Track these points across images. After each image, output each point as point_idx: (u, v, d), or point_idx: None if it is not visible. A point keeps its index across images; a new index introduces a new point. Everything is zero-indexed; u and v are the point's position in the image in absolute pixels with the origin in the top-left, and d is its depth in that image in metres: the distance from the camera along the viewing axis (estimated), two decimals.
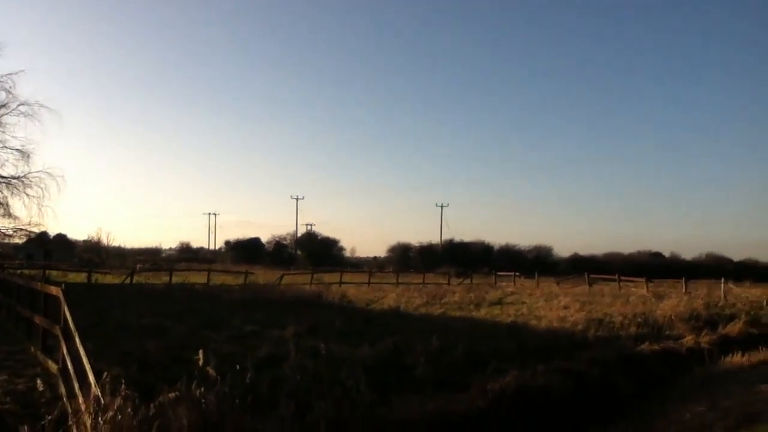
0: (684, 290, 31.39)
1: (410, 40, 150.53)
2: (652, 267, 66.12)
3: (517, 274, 46.69)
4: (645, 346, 15.42)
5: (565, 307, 22.95)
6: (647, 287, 32.44)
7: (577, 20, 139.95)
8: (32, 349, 11.46)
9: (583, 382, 11.76)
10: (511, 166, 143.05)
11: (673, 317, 19.73)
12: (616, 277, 37.18)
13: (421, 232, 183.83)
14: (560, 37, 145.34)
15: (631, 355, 14.65)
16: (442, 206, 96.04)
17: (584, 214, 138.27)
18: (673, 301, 23.57)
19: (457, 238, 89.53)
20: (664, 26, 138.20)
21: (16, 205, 31.45)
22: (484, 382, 10.57)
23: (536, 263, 67.72)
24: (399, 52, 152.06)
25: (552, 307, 23.58)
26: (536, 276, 43.26)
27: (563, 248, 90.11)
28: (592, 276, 39.94)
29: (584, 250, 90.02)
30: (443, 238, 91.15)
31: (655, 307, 22.09)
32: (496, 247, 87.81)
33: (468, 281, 45.32)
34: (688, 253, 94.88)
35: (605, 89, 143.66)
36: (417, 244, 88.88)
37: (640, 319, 19.13)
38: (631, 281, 36.48)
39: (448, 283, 42.57)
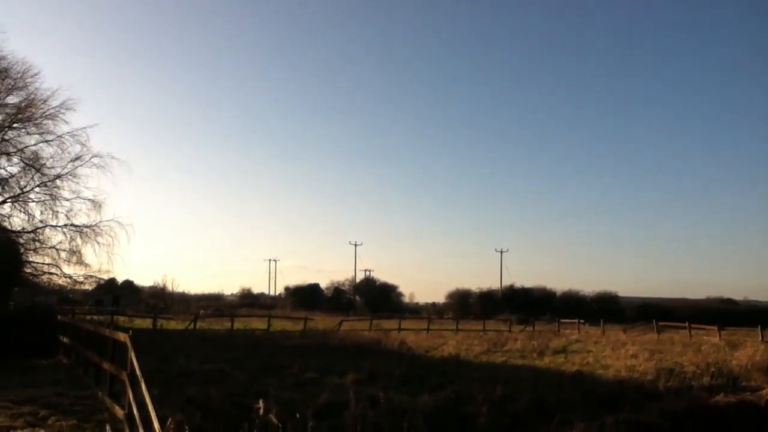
0: (761, 338, 29.82)
1: (472, 85, 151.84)
2: (725, 314, 63.05)
3: (581, 321, 45.40)
4: (720, 398, 14.64)
5: (633, 356, 22.12)
6: (720, 335, 30.99)
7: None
8: (100, 394, 11.74)
9: None
10: (573, 209, 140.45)
11: (749, 367, 18.71)
12: (687, 325, 35.68)
13: (481, 278, 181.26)
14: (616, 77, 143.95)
15: (704, 407, 13.92)
16: (501, 251, 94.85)
17: (651, 259, 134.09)
18: (749, 350, 22.36)
19: (518, 284, 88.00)
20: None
21: (88, 252, 32.66)
22: None
23: (601, 310, 65.58)
24: (457, 98, 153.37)
25: (619, 355, 22.76)
26: (602, 323, 41.92)
27: (629, 295, 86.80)
28: (660, 324, 38.48)
29: (651, 297, 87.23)
30: (503, 284, 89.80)
31: (729, 357, 21.04)
32: (559, 293, 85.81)
33: (530, 328, 44.31)
34: (764, 299, 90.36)
35: (672, 129, 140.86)
36: (476, 290, 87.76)
37: (713, 369, 18.22)
38: (703, 329, 34.96)
39: (510, 330, 41.70)
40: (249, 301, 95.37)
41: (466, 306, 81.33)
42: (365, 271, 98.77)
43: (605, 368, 19.68)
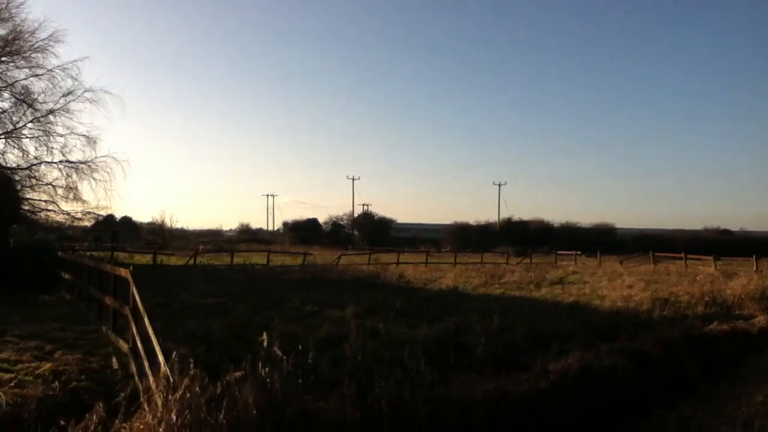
0: (755, 268, 30.20)
1: (461, 18, 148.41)
2: (721, 245, 63.49)
3: (578, 253, 45.87)
4: (713, 326, 14.90)
5: (629, 287, 22.42)
6: (715, 266, 31.37)
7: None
8: (104, 328, 11.89)
9: (648, 363, 11.45)
10: (571, 141, 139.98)
11: (743, 296, 19.03)
12: (683, 255, 36.06)
13: (479, 210, 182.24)
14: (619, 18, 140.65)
15: (698, 335, 14.16)
16: (499, 184, 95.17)
17: (648, 190, 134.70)
18: (743, 280, 22.67)
19: (516, 217, 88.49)
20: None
21: (84, 189, 32.43)
22: (546, 362, 10.40)
23: (598, 242, 66.01)
24: (449, 30, 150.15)
25: (615, 286, 23.07)
26: (598, 255, 42.35)
27: (626, 226, 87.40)
28: (657, 254, 38.88)
29: (648, 228, 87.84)
30: (501, 217, 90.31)
31: (723, 286, 21.33)
32: (556, 225, 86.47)
33: (527, 260, 44.79)
34: (760, 229, 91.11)
35: (673, 60, 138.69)
36: (474, 223, 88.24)
37: (707, 299, 18.52)
38: (698, 259, 35.36)
39: (507, 263, 42.17)
40: (248, 236, 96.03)
41: (464, 239, 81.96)
42: (363, 205, 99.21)
43: (601, 299, 19.93)
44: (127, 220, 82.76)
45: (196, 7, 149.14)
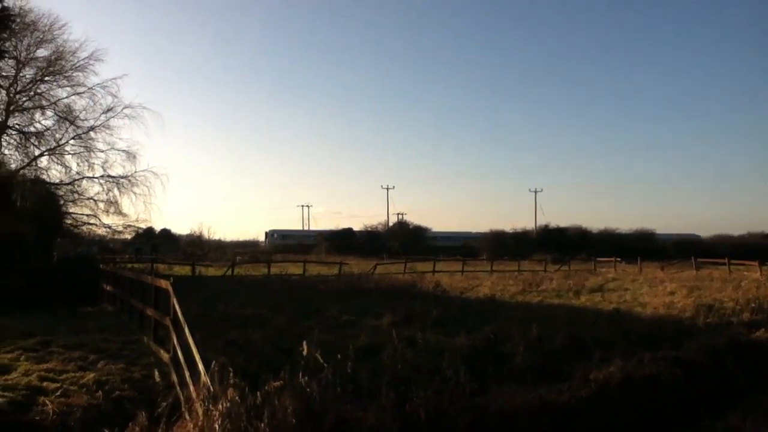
0: None
1: (496, 27, 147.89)
2: (766, 250, 61.84)
3: (618, 259, 45.02)
4: (760, 334, 14.51)
5: (671, 293, 21.95)
6: (761, 271, 30.46)
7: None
8: (145, 339, 12.08)
9: (693, 372, 11.19)
10: (609, 147, 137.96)
11: None
12: (726, 260, 35.14)
13: (515, 218, 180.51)
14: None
15: (745, 342, 13.81)
16: (536, 191, 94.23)
17: (689, 195, 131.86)
18: None
19: (553, 224, 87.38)
20: None
21: (125, 202, 33.28)
22: (587, 371, 10.25)
23: (638, 248, 64.73)
24: (480, 38, 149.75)
25: (657, 293, 22.62)
26: (639, 261, 41.51)
27: (666, 231, 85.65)
28: (699, 260, 37.97)
29: (689, 234, 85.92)
30: (538, 224, 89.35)
31: None
32: (594, 231, 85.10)
33: (565, 268, 44.19)
34: None
35: (704, 63, 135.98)
36: (511, 231, 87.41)
37: (753, 305, 18.01)
38: (743, 265, 34.41)
39: (545, 270, 41.65)
40: (283, 247, 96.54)
41: (500, 247, 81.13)
42: (398, 214, 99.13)
43: (643, 306, 19.56)
44: (166, 233, 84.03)
45: (229, 22, 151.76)
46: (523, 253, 61.28)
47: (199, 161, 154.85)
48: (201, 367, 7.27)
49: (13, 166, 30.26)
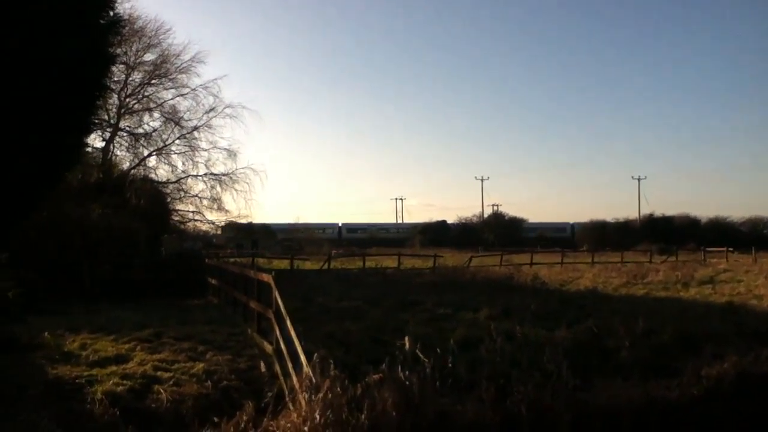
0: None
1: (590, 13, 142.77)
2: None
3: (729, 249, 42.56)
4: None
5: None
6: None
7: None
8: (249, 331, 12.49)
9: None
10: (718, 129, 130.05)
11: None
12: None
13: (616, 208, 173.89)
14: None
15: None
16: (639, 178, 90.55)
17: None
18: None
19: (658, 213, 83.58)
20: None
21: (226, 199, 34.67)
22: (698, 367, 9.77)
23: (752, 237, 60.80)
24: (572, 27, 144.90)
25: None
26: (753, 251, 39.02)
27: None
28: None
29: None
30: (641, 213, 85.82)
31: None
32: (704, 220, 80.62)
33: (672, 259, 42.26)
34: None
35: None
36: (612, 220, 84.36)
37: None
38: None
39: (650, 261, 40.01)
40: (378, 240, 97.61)
41: (601, 238, 78.50)
42: (493, 205, 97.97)
43: (759, 298, 18.49)
44: (265, 227, 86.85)
45: (321, 17, 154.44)
46: (625, 244, 58.96)
47: (294, 156, 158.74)
48: (303, 358, 7.45)
49: (125, 166, 32.26)
